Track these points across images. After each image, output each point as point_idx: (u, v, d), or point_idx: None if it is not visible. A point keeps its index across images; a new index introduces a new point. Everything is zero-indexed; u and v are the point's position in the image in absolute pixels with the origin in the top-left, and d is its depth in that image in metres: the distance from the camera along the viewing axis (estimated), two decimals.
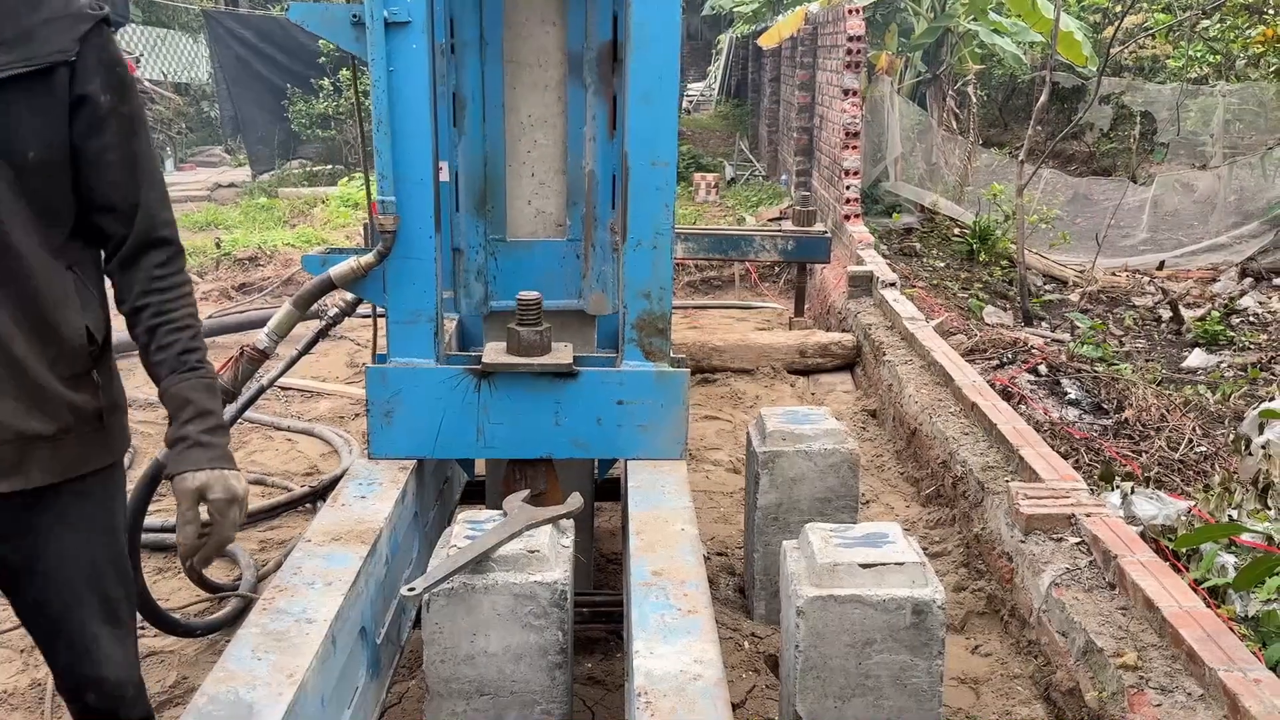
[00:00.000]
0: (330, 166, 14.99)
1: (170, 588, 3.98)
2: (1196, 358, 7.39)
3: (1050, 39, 9.75)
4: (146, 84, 17.28)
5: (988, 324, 7.75)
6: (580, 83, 3.60)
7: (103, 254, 2.01)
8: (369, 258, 3.11)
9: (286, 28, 15.16)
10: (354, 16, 3.04)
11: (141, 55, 18.45)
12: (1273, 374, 6.87)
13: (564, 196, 3.70)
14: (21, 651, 3.54)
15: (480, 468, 4.16)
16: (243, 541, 4.32)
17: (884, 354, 6.10)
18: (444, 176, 3.39)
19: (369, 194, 3.14)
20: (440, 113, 3.28)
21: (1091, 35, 12.93)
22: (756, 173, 14.61)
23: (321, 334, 3.85)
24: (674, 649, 2.25)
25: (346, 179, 13.72)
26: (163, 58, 19.55)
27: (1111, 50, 10.96)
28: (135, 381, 6.89)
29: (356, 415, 5.91)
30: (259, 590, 3.86)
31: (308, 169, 15.09)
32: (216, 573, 4.01)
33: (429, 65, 3.03)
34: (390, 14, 2.95)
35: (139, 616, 2.70)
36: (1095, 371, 6.21)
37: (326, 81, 14.78)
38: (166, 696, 3.29)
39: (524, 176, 3.69)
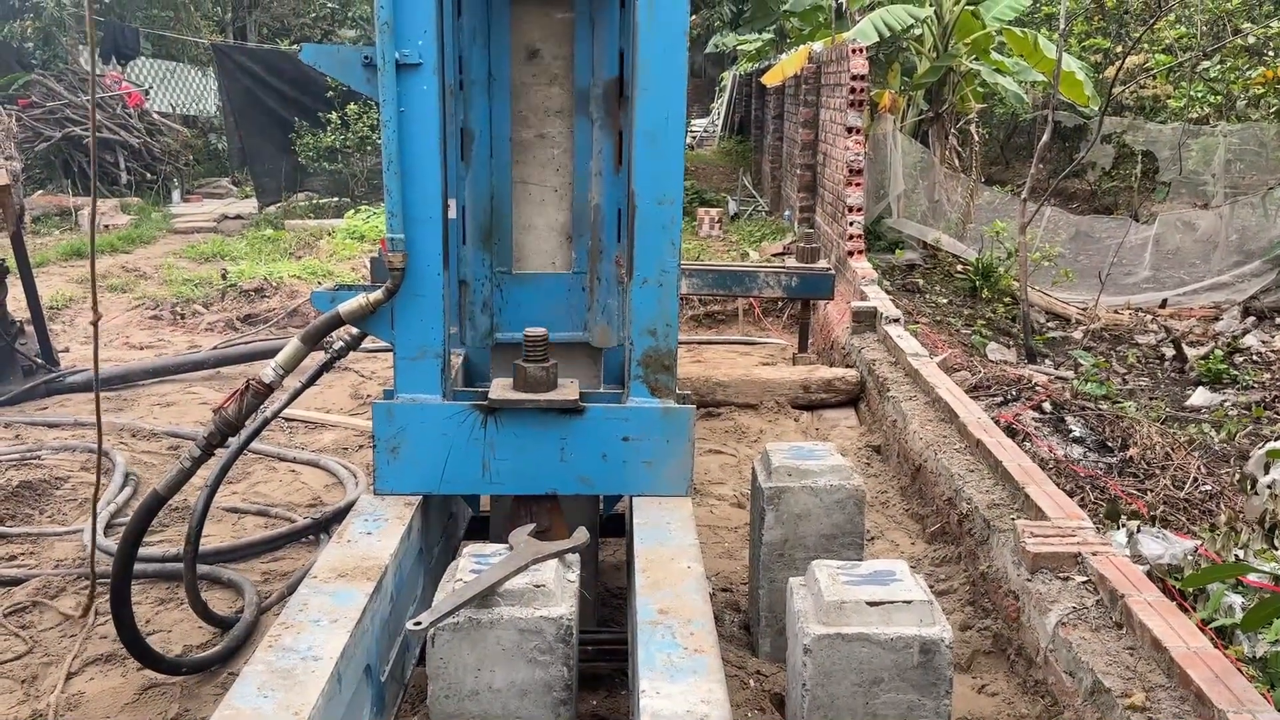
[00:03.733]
0: (336, 199, 15.09)
1: (172, 619, 3.96)
2: (1200, 396, 7.39)
3: (1052, 78, 9.84)
4: (155, 116, 17.45)
5: (991, 361, 7.75)
6: (587, 118, 3.66)
7: None
8: (378, 295, 3.13)
9: (295, 61, 15.33)
10: (365, 59, 3.08)
11: (151, 88, 18.65)
12: (1276, 413, 6.87)
13: (569, 230, 3.74)
14: (22, 682, 3.53)
15: (485, 503, 4.15)
16: (246, 573, 4.31)
17: (888, 390, 6.10)
18: (451, 213, 3.42)
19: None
20: (449, 149, 3.32)
21: (1093, 75, 13.05)
22: (760, 208, 14.70)
23: (327, 366, 3.86)
24: (680, 688, 2.24)
25: (352, 212, 13.81)
26: (171, 90, 19.76)
27: (1113, 90, 11.06)
28: (138, 411, 6.92)
29: (360, 447, 5.91)
30: (261, 623, 3.85)
31: (314, 201, 15.20)
32: (220, 604, 4.00)
33: (439, 106, 3.07)
34: (402, 56, 2.99)
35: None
36: (1099, 409, 6.20)
37: (334, 115, 14.91)
38: None
39: (530, 210, 3.73)
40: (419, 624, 2.40)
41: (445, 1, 3.20)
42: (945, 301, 9.61)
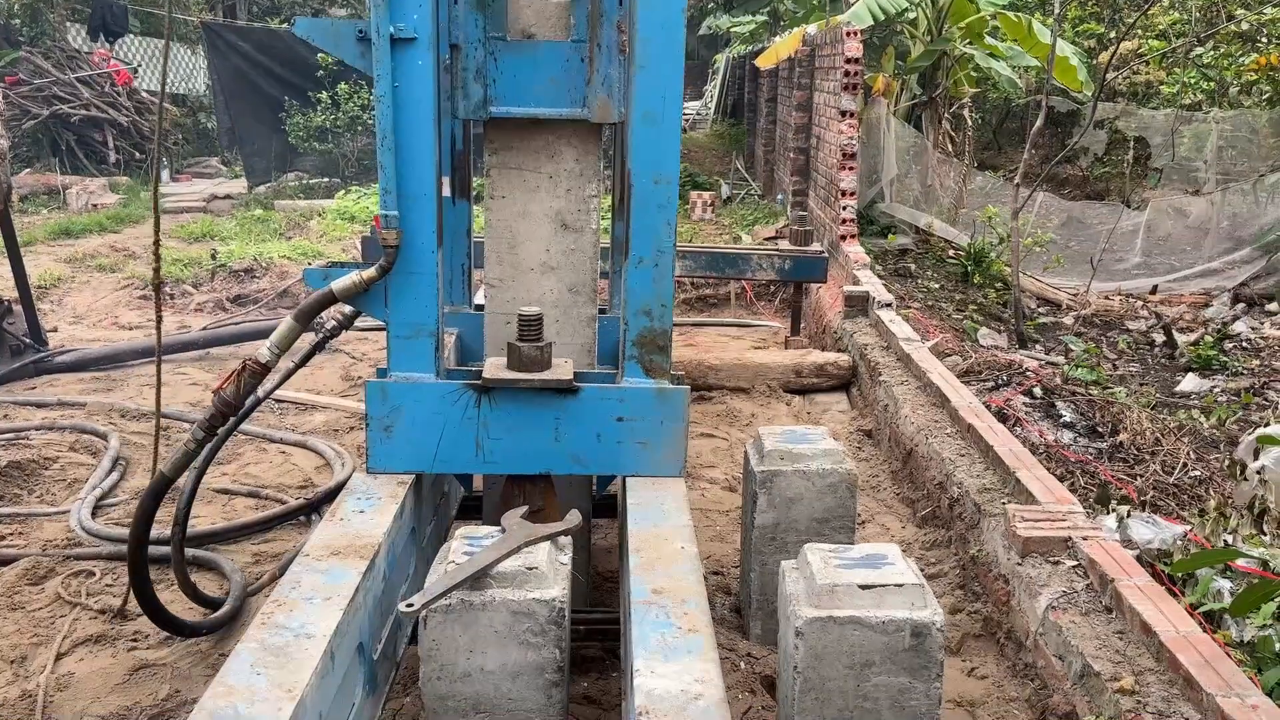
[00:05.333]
0: (327, 180, 15.00)
1: (163, 599, 3.94)
2: (1190, 382, 7.42)
3: (1046, 64, 9.82)
4: (144, 94, 17.31)
5: (982, 346, 7.77)
6: None
7: None
8: (371, 272, 3.11)
9: (285, 40, 15.21)
10: (360, 32, 3.05)
11: (139, 66, 18.49)
12: (1265, 399, 6.90)
13: None
14: (12, 663, 3.52)
15: (477, 482, 4.15)
16: (237, 555, 4.31)
17: (880, 374, 6.11)
18: (445, 191, 3.40)
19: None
20: (443, 147, 3.21)
21: (1086, 60, 13.02)
22: (752, 192, 14.67)
23: (319, 347, 3.84)
24: (674, 668, 2.25)
25: (343, 193, 13.73)
26: (160, 68, 19.58)
27: (1107, 76, 11.04)
28: (128, 391, 6.88)
29: (351, 429, 5.90)
30: (250, 604, 3.85)
31: (304, 182, 15.10)
32: (207, 585, 3.98)
33: (434, 81, 3.04)
34: (397, 30, 2.96)
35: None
36: (1090, 395, 6.22)
37: (325, 95, 14.81)
38: (158, 710, 3.26)
39: None
40: (411, 605, 2.39)
41: None
42: (937, 286, 9.62)
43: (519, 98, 3.36)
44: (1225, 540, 3.97)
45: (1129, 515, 4.10)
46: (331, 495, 4.61)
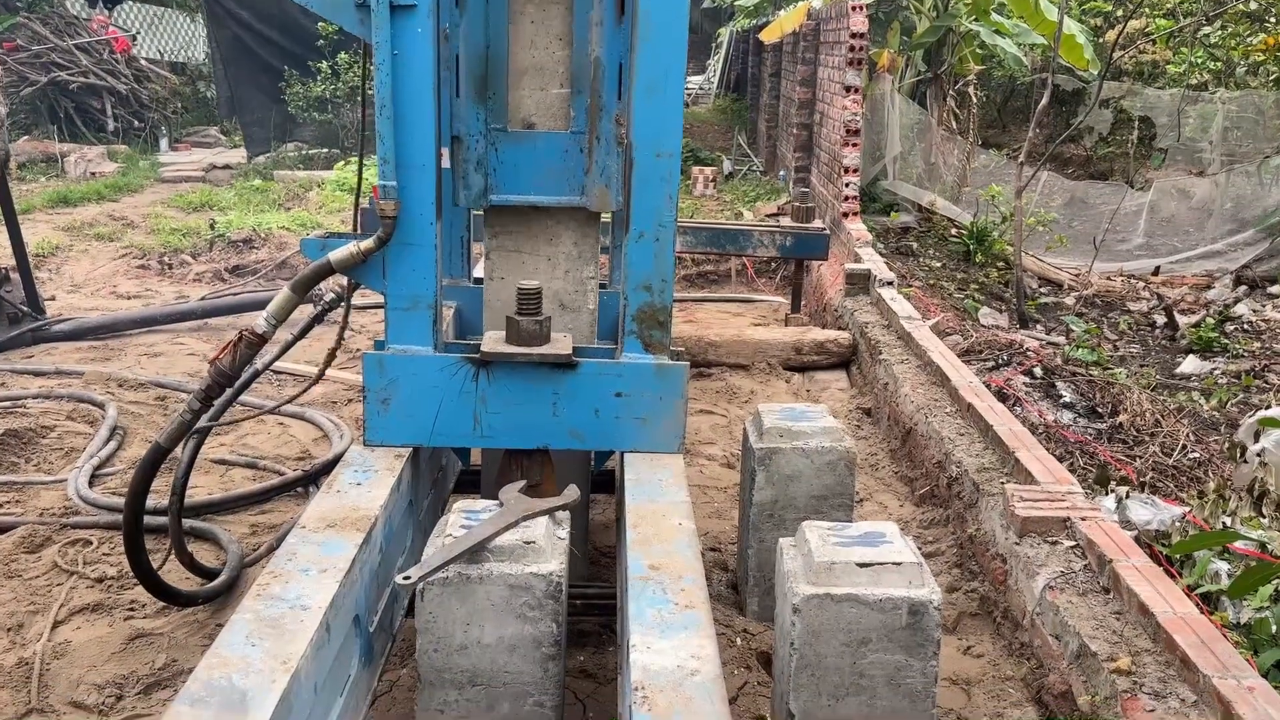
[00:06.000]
0: (326, 150, 14.91)
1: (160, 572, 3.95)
2: (1190, 364, 7.40)
3: (1052, 41, 9.74)
4: (143, 62, 17.18)
5: (983, 325, 7.75)
6: None
7: None
8: (369, 243, 3.08)
9: (285, 8, 15.05)
10: None
11: (138, 33, 18.34)
12: (1266, 382, 6.89)
13: (569, 85, 3.46)
14: (8, 630, 3.52)
15: (475, 456, 4.14)
16: (234, 526, 4.30)
17: (880, 353, 6.09)
18: (445, 162, 3.36)
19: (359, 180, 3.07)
20: (443, 117, 3.21)
21: (1093, 39, 12.92)
22: (754, 168, 14.59)
23: (317, 319, 3.82)
24: (671, 643, 2.24)
25: (342, 163, 13.66)
26: (159, 36, 19.43)
27: (1113, 54, 10.96)
28: (125, 361, 6.86)
29: (350, 400, 5.88)
30: (247, 575, 3.84)
31: (304, 152, 15.01)
32: (205, 556, 3.98)
33: (434, 49, 3.00)
34: None
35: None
36: (1090, 375, 6.21)
37: (325, 64, 14.70)
38: (155, 679, 3.26)
39: (527, 62, 3.45)
40: (408, 578, 2.39)
41: None
42: (939, 265, 9.59)
43: (519, 186, 3.41)
44: (1224, 522, 3.97)
45: (1128, 496, 4.10)
46: (330, 467, 4.60)
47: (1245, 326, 8.54)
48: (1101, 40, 13.59)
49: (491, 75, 3.40)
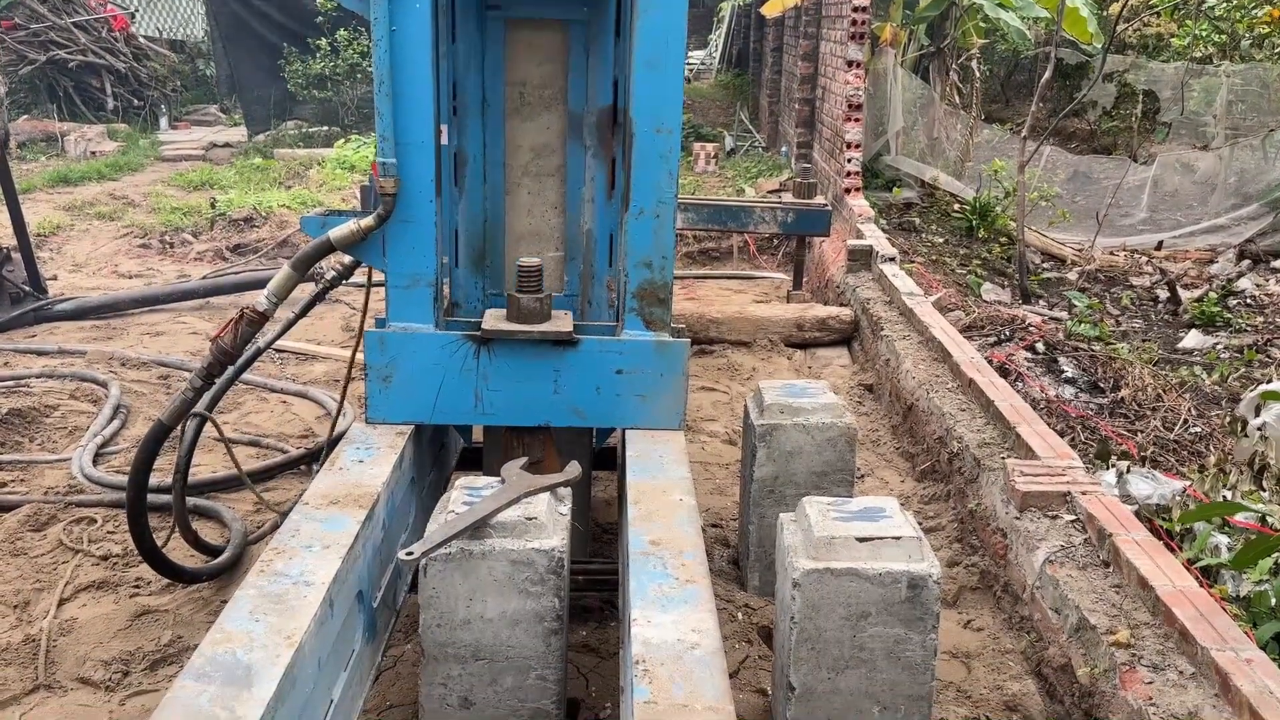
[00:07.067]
0: (326, 128, 14.85)
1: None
2: (1193, 339, 7.39)
3: (1056, 15, 9.66)
4: (141, 40, 17.10)
5: (986, 301, 7.73)
6: (580, 144, 3.66)
7: None
8: (369, 220, 3.08)
9: None
10: None
11: (137, 10, 18.24)
12: (1269, 356, 6.88)
13: (562, 253, 3.76)
14: (15, 608, 3.54)
15: (477, 434, 4.15)
16: (237, 503, 4.32)
17: (882, 329, 6.09)
18: (444, 139, 3.36)
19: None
20: (442, 95, 3.25)
21: (1097, 12, 12.81)
22: (756, 144, 14.53)
23: (319, 297, 3.83)
24: (672, 618, 2.26)
25: (342, 141, 13.61)
26: (158, 13, 19.33)
27: (1117, 27, 10.87)
28: (127, 340, 6.87)
29: (352, 379, 5.88)
30: (251, 552, 3.87)
31: (304, 130, 14.96)
32: (209, 533, 4.00)
33: (432, 25, 2.98)
34: None
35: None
36: (1092, 350, 6.21)
37: (324, 42, 14.62)
38: (160, 655, 3.29)
39: (522, 234, 3.74)
40: (411, 554, 2.40)
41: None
42: (941, 241, 9.56)
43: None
44: (1225, 496, 3.98)
45: (1128, 471, 4.11)
46: (333, 445, 4.62)
47: (1248, 301, 8.52)
48: (1105, 13, 13.48)
49: (489, 247, 3.69)
